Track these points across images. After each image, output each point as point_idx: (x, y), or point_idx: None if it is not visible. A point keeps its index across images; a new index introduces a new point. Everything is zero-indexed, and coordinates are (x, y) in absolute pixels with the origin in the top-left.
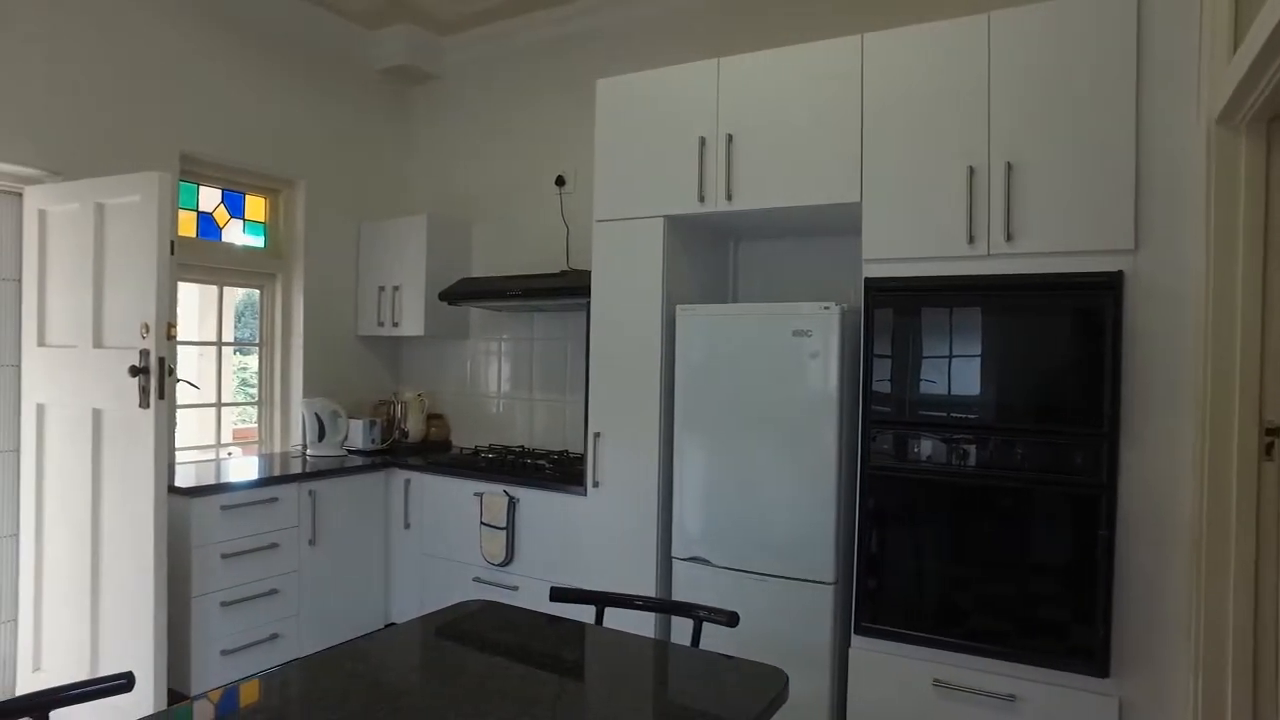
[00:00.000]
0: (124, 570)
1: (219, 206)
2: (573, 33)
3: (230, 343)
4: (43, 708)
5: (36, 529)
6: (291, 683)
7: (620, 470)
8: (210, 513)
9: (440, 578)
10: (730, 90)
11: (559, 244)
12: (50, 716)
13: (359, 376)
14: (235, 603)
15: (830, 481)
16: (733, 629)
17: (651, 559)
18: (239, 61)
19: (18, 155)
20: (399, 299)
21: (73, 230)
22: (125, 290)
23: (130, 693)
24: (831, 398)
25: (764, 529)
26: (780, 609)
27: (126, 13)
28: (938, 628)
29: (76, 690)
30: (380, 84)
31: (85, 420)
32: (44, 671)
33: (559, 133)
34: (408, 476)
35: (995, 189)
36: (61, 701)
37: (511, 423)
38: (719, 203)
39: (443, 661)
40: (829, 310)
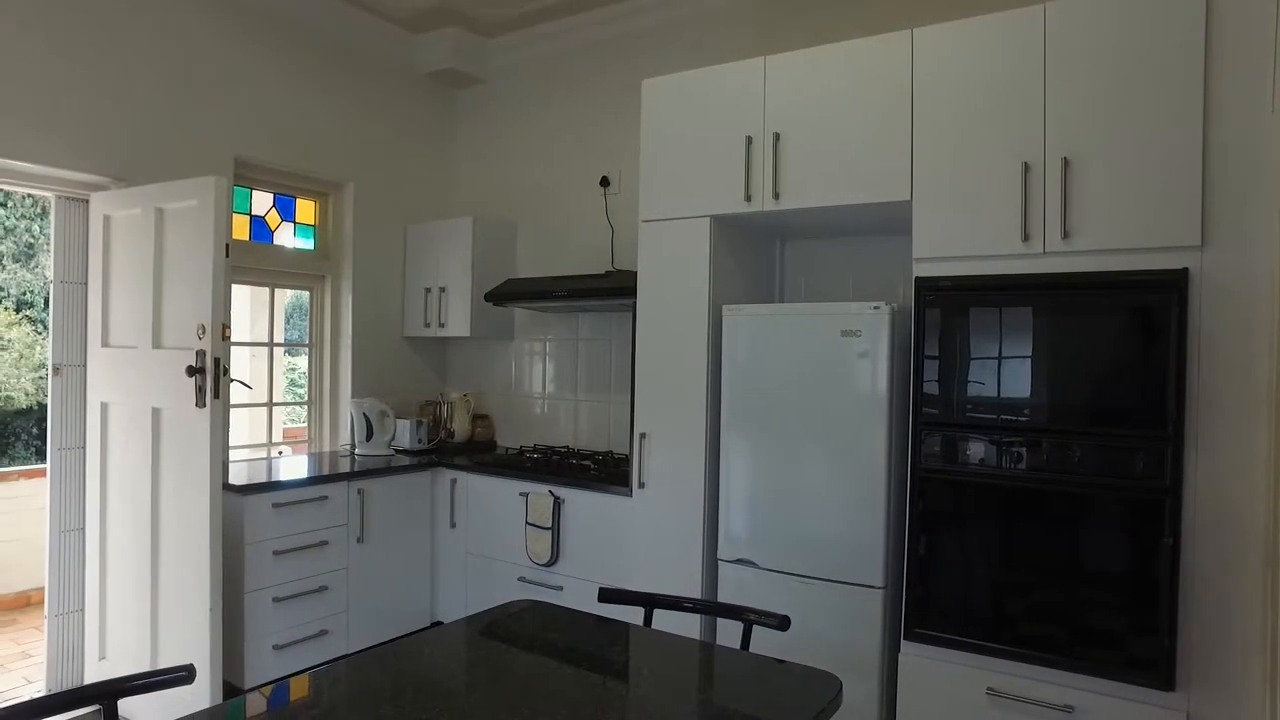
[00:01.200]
0: (181, 564)
1: (271, 210)
2: (617, 34)
3: (281, 343)
4: (110, 696)
5: (101, 523)
6: (344, 679)
7: (666, 471)
8: (263, 510)
9: (485, 577)
10: (777, 88)
11: (603, 245)
12: (117, 705)
13: (406, 377)
14: (286, 598)
15: (879, 484)
16: (780, 632)
17: (697, 560)
18: (290, 68)
19: (85, 164)
20: (445, 300)
21: (134, 234)
22: (183, 292)
23: (190, 684)
24: (881, 399)
25: (811, 531)
26: (828, 613)
27: (183, 24)
28: (991, 635)
29: (141, 681)
30: (426, 87)
31: (145, 418)
32: (108, 660)
33: (603, 133)
34: (454, 476)
35: (1051, 185)
36: (127, 691)
37: (555, 423)
38: (765, 202)
39: (491, 661)
40: (879, 310)
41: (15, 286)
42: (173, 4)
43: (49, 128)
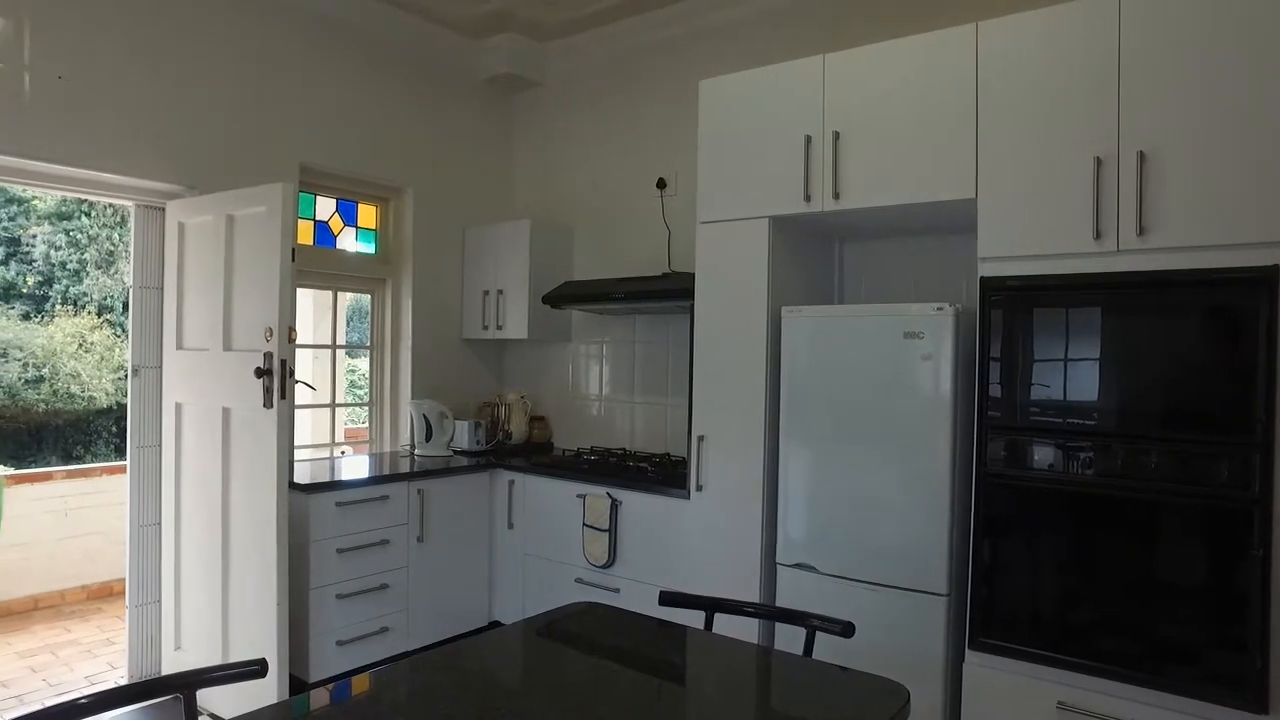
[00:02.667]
0: (250, 560)
1: (334, 215)
2: (674, 35)
3: (344, 345)
4: (190, 686)
5: (176, 518)
6: (408, 677)
7: (724, 474)
8: (327, 509)
9: (542, 578)
10: (836, 87)
11: (660, 246)
12: (195, 695)
13: (464, 379)
14: (349, 595)
15: (943, 488)
16: (841, 639)
17: (755, 564)
18: (353, 76)
19: (162, 173)
20: (503, 302)
21: (207, 240)
22: (251, 296)
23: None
24: (944, 402)
25: (872, 536)
26: (889, 619)
27: (252, 38)
28: (1062, 646)
29: (218, 673)
30: (484, 92)
31: (216, 418)
32: (184, 650)
33: (660, 135)
34: (511, 477)
35: (1126, 180)
36: (205, 682)
37: (612, 425)
38: (825, 202)
39: (553, 663)
40: (942, 311)
41: (98, 292)
42: (243, 19)
43: (131, 140)
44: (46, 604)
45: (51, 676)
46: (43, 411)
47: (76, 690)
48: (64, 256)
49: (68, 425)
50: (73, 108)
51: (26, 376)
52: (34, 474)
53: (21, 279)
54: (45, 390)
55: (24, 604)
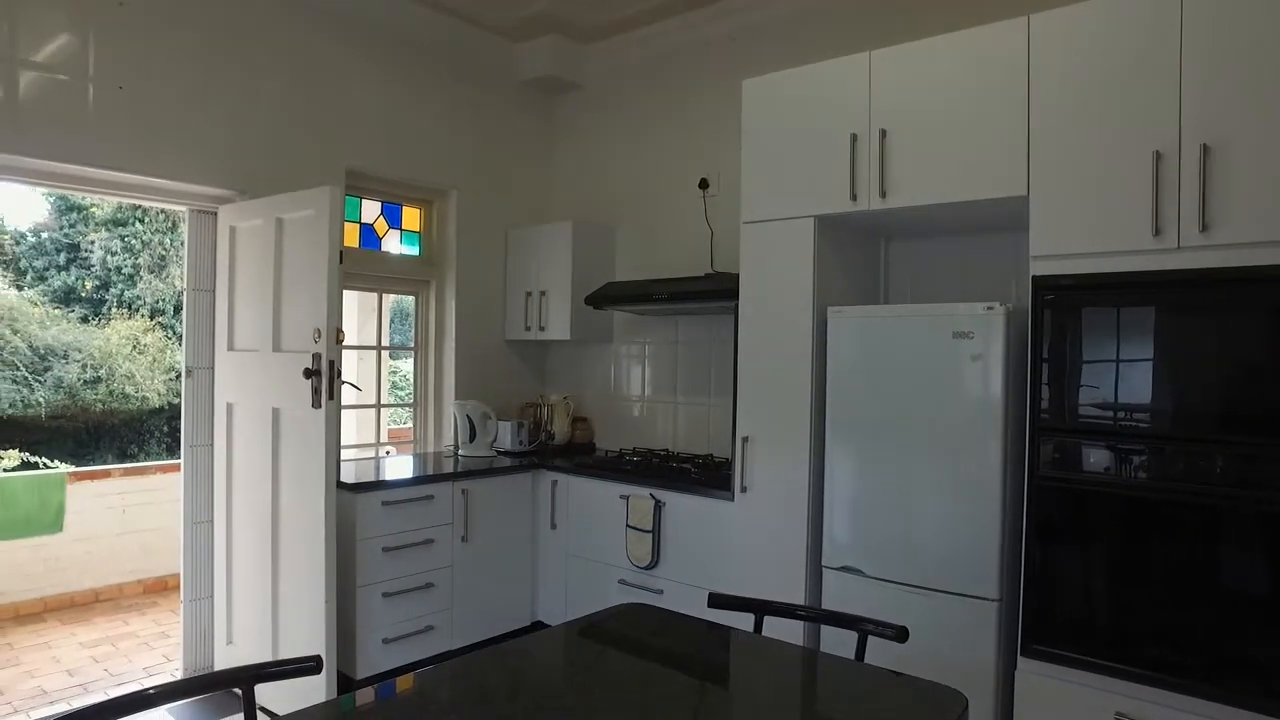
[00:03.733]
0: (299, 557)
1: (379, 218)
2: (715, 35)
3: (389, 346)
4: (247, 681)
5: (227, 516)
6: (459, 677)
7: (769, 475)
8: (373, 508)
9: (585, 578)
10: (883, 84)
11: (702, 247)
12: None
13: (507, 379)
14: (395, 594)
15: (994, 491)
16: (891, 643)
17: (801, 567)
18: (396, 80)
19: (213, 179)
20: (545, 303)
21: (257, 244)
22: (300, 298)
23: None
24: (995, 403)
25: (921, 539)
26: (939, 624)
27: (301, 46)
28: (1119, 655)
29: (276, 668)
30: (526, 94)
31: (266, 418)
32: (235, 645)
33: (701, 135)
34: (555, 478)
35: (1187, 174)
36: (264, 677)
37: (654, 426)
38: (872, 201)
39: (603, 663)
40: (993, 311)
41: (150, 295)
42: (292, 29)
43: (185, 147)
44: (106, 597)
45: (112, 667)
46: (100, 411)
47: (135, 680)
48: (119, 261)
49: (122, 424)
50: (132, 117)
51: (85, 377)
52: (94, 471)
53: (81, 283)
54: (102, 390)
55: (86, 596)
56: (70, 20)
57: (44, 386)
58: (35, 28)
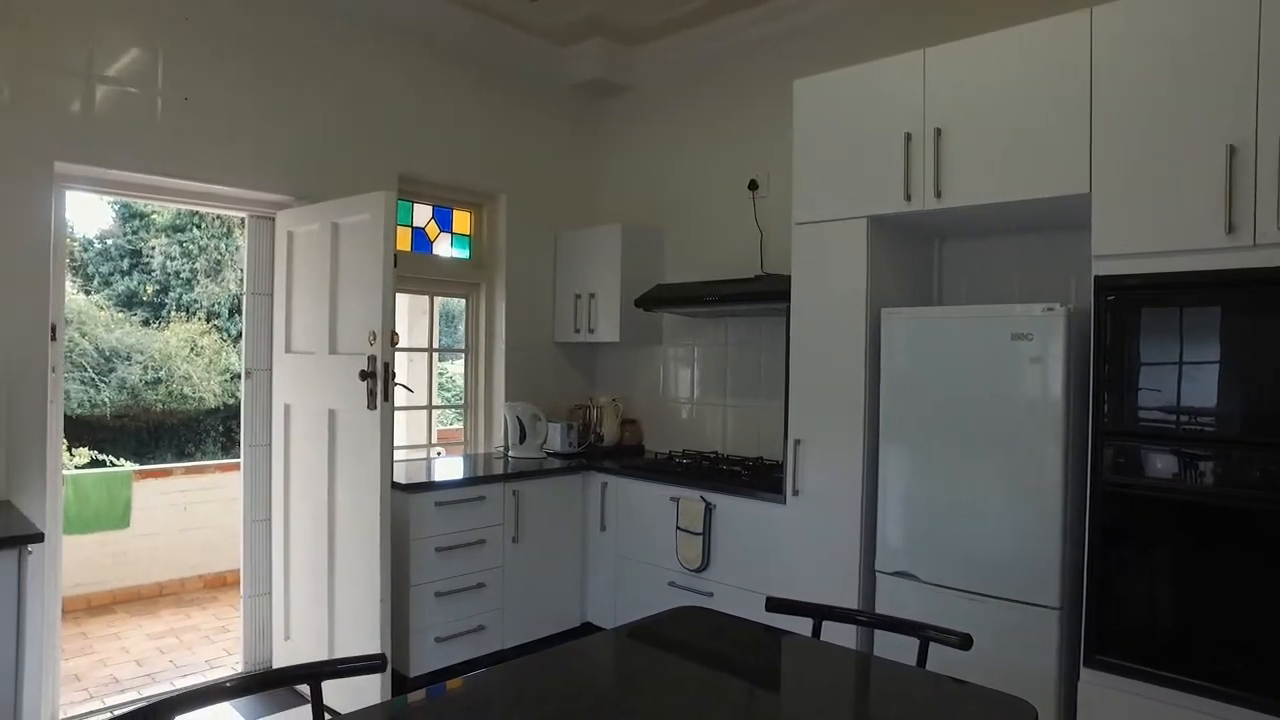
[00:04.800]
0: (354, 556)
1: (430, 221)
2: (764, 35)
3: (441, 349)
4: (316, 678)
5: (285, 514)
6: (519, 678)
7: (821, 478)
8: (426, 508)
9: (635, 580)
10: (937, 82)
11: (751, 248)
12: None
13: (556, 381)
14: (448, 593)
15: (1054, 496)
16: (946, 650)
17: (854, 571)
18: (446, 86)
19: (271, 185)
20: (594, 306)
21: (313, 248)
22: (355, 301)
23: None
24: (1055, 406)
25: (978, 545)
26: (996, 632)
27: (354, 53)
28: (1190, 669)
29: (343, 665)
30: (574, 98)
31: (322, 419)
32: (292, 641)
33: (750, 136)
34: (604, 479)
35: (1265, 169)
36: (331, 674)
37: (703, 428)
38: (927, 201)
39: (661, 667)
40: (1053, 312)
41: (206, 299)
42: (346, 38)
43: (245, 154)
44: (169, 590)
45: (177, 658)
46: (160, 411)
47: (198, 672)
48: (177, 266)
49: (180, 424)
50: (196, 127)
51: (146, 378)
52: (157, 469)
53: (142, 288)
54: (162, 391)
55: (151, 590)
56: (141, 36)
57: (109, 387)
58: (110, 45)
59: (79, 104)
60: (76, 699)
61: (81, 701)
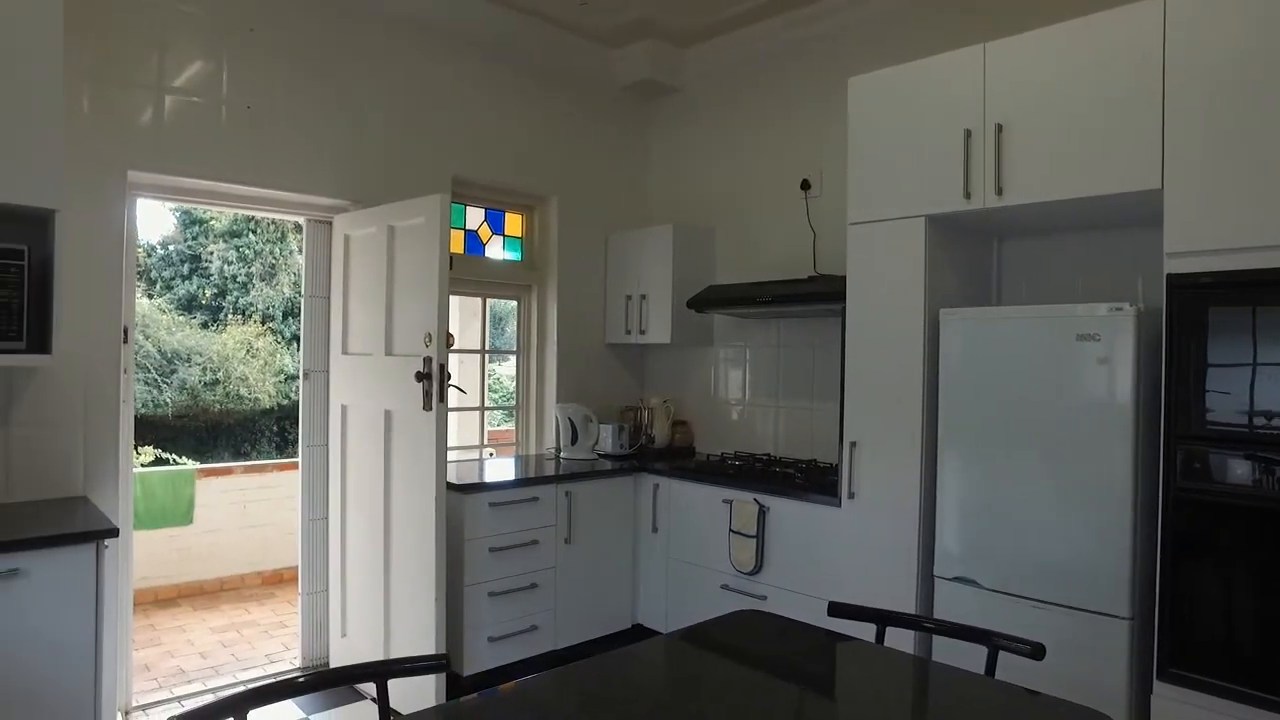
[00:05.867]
0: (409, 555)
1: (482, 224)
2: (816, 34)
3: (494, 350)
4: (382, 676)
5: (341, 513)
6: (577, 681)
7: (877, 481)
8: (480, 509)
9: (687, 582)
10: (998, 77)
11: (804, 248)
12: (387, 683)
13: (607, 383)
14: (501, 594)
15: (1124, 503)
16: (1010, 660)
17: (911, 576)
18: (498, 89)
19: (329, 189)
20: (646, 307)
21: (369, 251)
22: (410, 303)
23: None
24: (1124, 409)
25: (1042, 551)
26: (1062, 642)
27: (405, 59)
28: (1272, 684)
29: (407, 664)
30: (624, 99)
31: (378, 420)
32: (349, 638)
33: (802, 136)
34: (656, 481)
35: None
36: (395, 673)
37: (753, 430)
38: (987, 199)
39: (722, 672)
40: (1122, 311)
41: (261, 302)
42: (400, 45)
43: (304, 160)
44: (230, 586)
45: (238, 652)
46: (218, 411)
47: (259, 666)
48: (234, 270)
49: (237, 424)
50: (257, 134)
51: (205, 379)
52: (218, 468)
53: (201, 291)
54: (220, 392)
55: (213, 585)
56: (207, 47)
57: (170, 388)
58: (178, 56)
59: (150, 114)
60: (147, 688)
61: (151, 690)
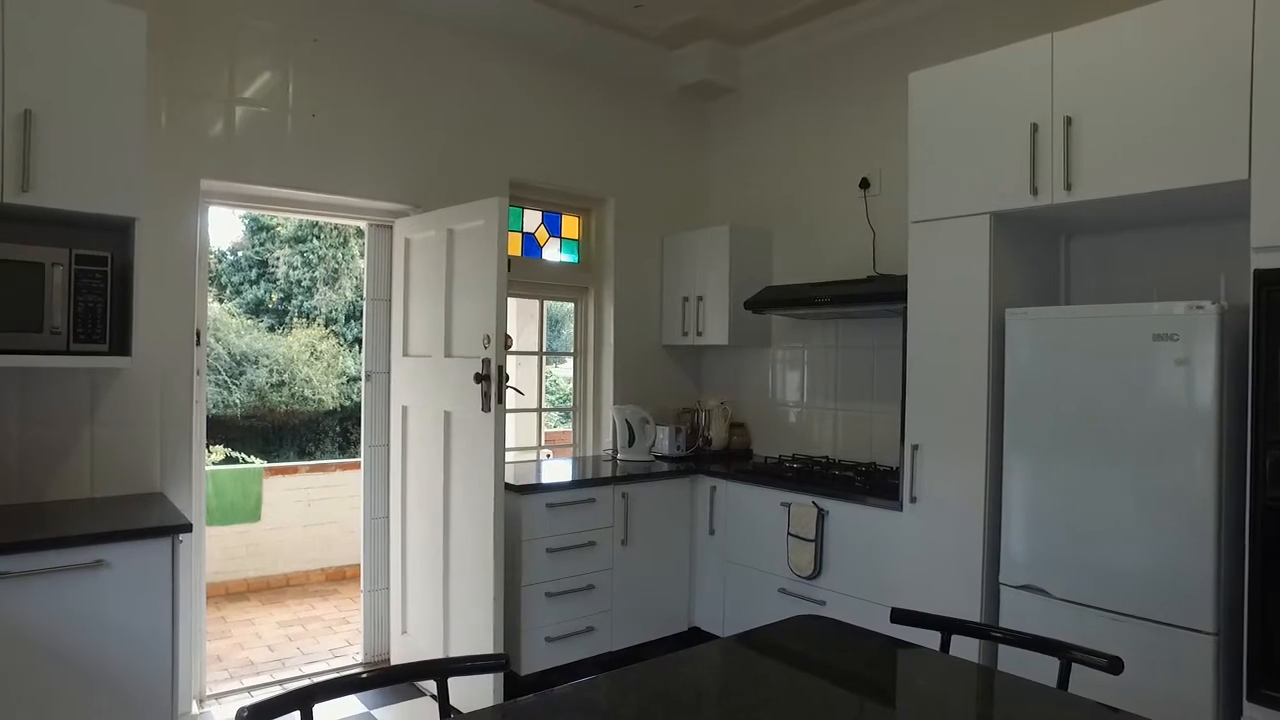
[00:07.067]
0: (468, 555)
1: (539, 226)
2: (872, 30)
3: (551, 352)
4: (442, 674)
5: (402, 513)
6: (636, 685)
7: (940, 486)
8: (538, 510)
9: (744, 586)
10: (1067, 68)
11: (863, 248)
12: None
13: (664, 384)
14: (558, 594)
15: (1206, 511)
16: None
17: (976, 583)
18: (555, 93)
19: (390, 194)
20: (702, 309)
21: (429, 254)
22: (469, 305)
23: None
24: (1206, 413)
25: (1116, 560)
26: (1139, 656)
27: (463, 64)
28: None
29: (468, 663)
30: (680, 100)
31: (438, 421)
32: (409, 635)
33: (860, 134)
34: (713, 483)
35: None
36: (457, 671)
37: (811, 432)
38: (1055, 195)
39: (786, 677)
40: (1202, 310)
41: (325, 306)
42: (459, 51)
43: (367, 165)
44: (295, 582)
45: (303, 646)
46: (283, 412)
47: (323, 660)
48: (299, 275)
49: (301, 424)
50: (322, 141)
51: (271, 381)
52: (284, 467)
53: (268, 296)
54: (285, 393)
55: (279, 580)
56: (275, 59)
57: (239, 389)
58: (247, 68)
59: (221, 124)
60: (219, 678)
61: (223, 681)
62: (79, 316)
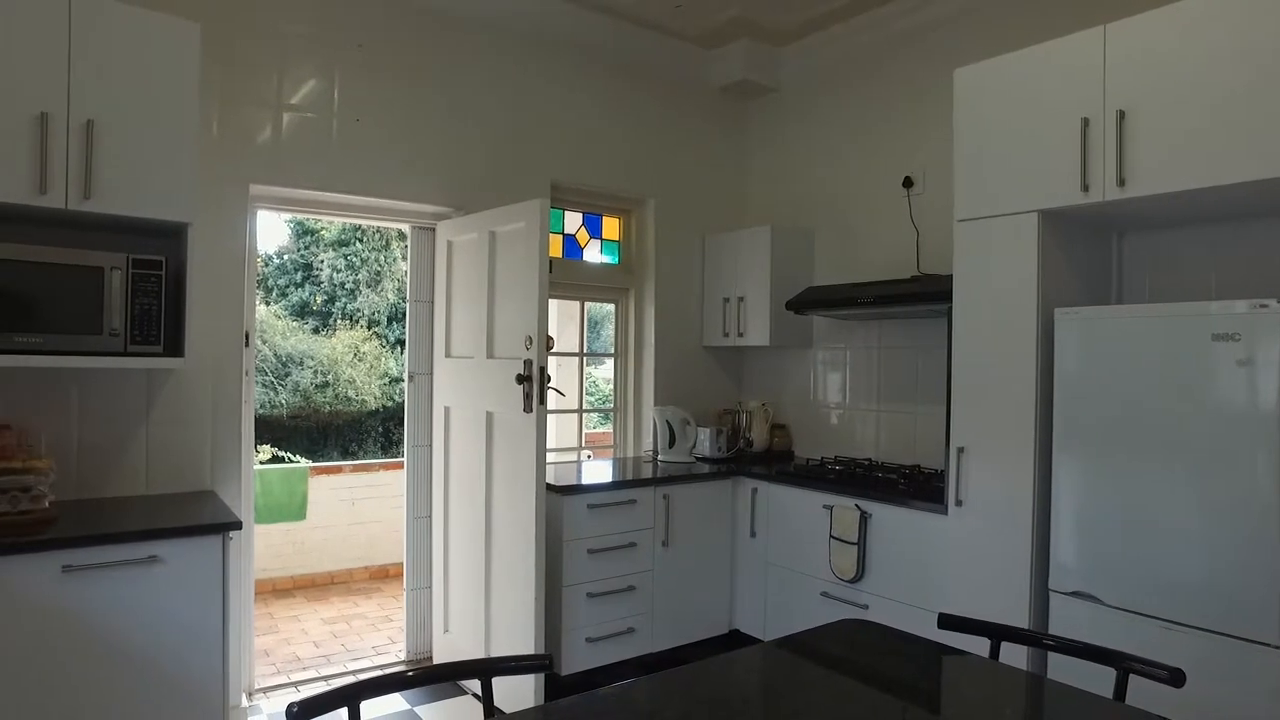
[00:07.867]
0: (510, 555)
1: (580, 228)
2: (912, 26)
3: (592, 354)
4: (486, 674)
5: (445, 512)
6: (679, 687)
7: (986, 489)
8: (579, 510)
9: (785, 588)
10: (1120, 60)
11: (906, 247)
12: (491, 681)
13: (705, 386)
14: (599, 595)
15: (1270, 517)
16: (1148, 683)
17: (1024, 589)
18: (595, 94)
19: (432, 197)
20: (743, 309)
21: (471, 256)
22: (511, 307)
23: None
24: (1270, 415)
25: (1172, 567)
26: (1197, 667)
27: (504, 67)
28: None
29: (512, 663)
30: (719, 101)
31: (480, 422)
32: (451, 634)
33: (903, 133)
34: (754, 485)
35: None
36: (500, 671)
37: (853, 434)
38: (1107, 191)
39: (830, 684)
40: (1266, 309)
41: (368, 308)
42: (499, 54)
43: (410, 169)
44: (339, 580)
45: (348, 643)
46: (328, 412)
47: (367, 657)
48: (343, 278)
49: (345, 424)
50: (366, 145)
51: (316, 382)
52: (329, 466)
53: (312, 298)
54: (329, 394)
55: (324, 578)
56: (320, 66)
57: (285, 390)
58: (295, 75)
59: (269, 131)
60: (267, 673)
61: (270, 675)
62: (135, 319)
